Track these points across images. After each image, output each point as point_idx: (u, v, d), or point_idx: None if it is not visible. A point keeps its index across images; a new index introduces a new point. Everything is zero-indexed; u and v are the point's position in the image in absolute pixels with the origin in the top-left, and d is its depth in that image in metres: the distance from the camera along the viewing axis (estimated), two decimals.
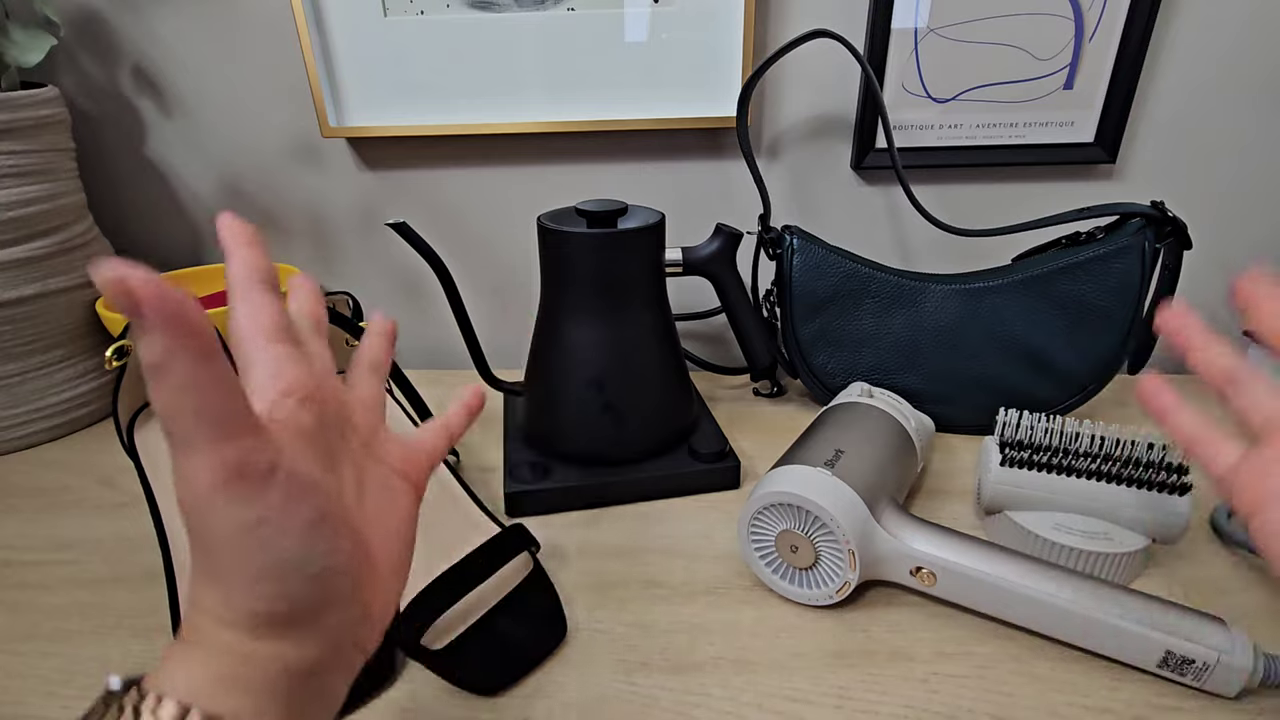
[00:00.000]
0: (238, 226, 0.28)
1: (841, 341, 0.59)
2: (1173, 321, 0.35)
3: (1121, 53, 0.60)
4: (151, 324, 0.17)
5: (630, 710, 0.35)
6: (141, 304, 0.17)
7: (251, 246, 0.28)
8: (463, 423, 0.34)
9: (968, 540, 0.39)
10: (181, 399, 0.19)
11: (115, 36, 0.64)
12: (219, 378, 0.19)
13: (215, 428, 0.19)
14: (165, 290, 0.17)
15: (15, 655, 0.38)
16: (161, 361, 0.18)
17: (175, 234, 0.72)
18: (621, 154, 0.68)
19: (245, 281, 0.26)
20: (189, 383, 0.18)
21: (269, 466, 0.20)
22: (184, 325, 0.18)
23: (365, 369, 0.32)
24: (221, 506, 0.20)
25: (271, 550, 0.21)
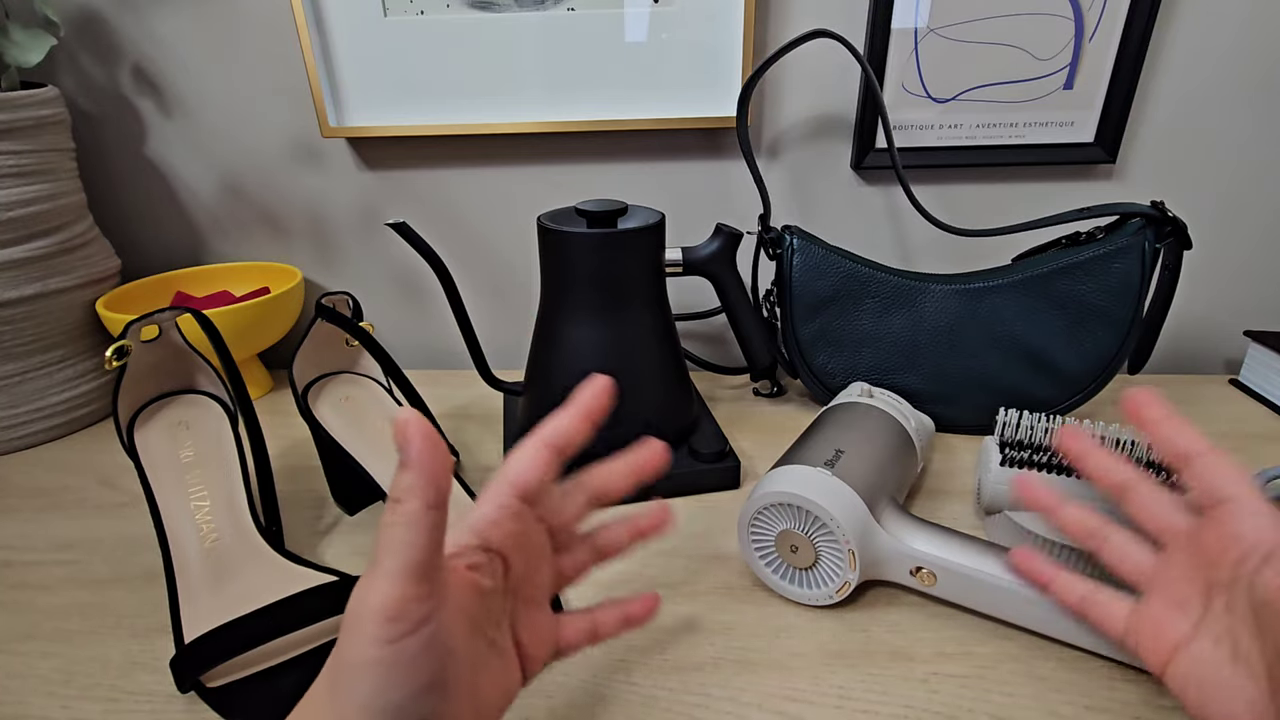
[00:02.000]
0: (595, 399, 0.30)
1: (841, 341, 0.59)
2: (1068, 441, 0.36)
3: (1121, 53, 0.60)
4: (414, 467, 0.22)
5: (630, 710, 0.35)
6: (411, 448, 0.22)
7: (583, 420, 0.30)
8: (615, 629, 0.32)
9: (968, 540, 0.39)
10: (398, 529, 0.22)
11: (115, 36, 0.64)
12: (432, 526, 0.22)
13: (406, 564, 0.22)
14: (433, 441, 0.22)
15: (15, 655, 0.38)
16: (404, 492, 0.22)
17: (175, 234, 0.72)
18: (621, 154, 0.68)
19: (546, 437, 0.29)
20: (411, 519, 0.22)
21: (424, 618, 0.22)
22: (432, 474, 0.22)
23: (588, 547, 0.33)
24: (370, 633, 0.21)
25: (386, 692, 0.22)
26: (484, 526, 0.27)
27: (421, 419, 0.22)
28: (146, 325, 0.43)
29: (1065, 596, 0.34)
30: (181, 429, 0.46)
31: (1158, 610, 0.31)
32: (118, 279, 0.65)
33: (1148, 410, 0.33)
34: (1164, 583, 0.31)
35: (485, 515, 0.27)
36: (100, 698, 0.36)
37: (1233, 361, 0.73)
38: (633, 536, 0.33)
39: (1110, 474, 0.34)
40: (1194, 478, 0.31)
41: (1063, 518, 0.35)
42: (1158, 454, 0.32)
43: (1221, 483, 0.29)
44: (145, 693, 0.36)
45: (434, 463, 0.22)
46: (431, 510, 0.22)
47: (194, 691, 0.35)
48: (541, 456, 0.28)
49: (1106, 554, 0.34)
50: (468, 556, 0.26)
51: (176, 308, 0.45)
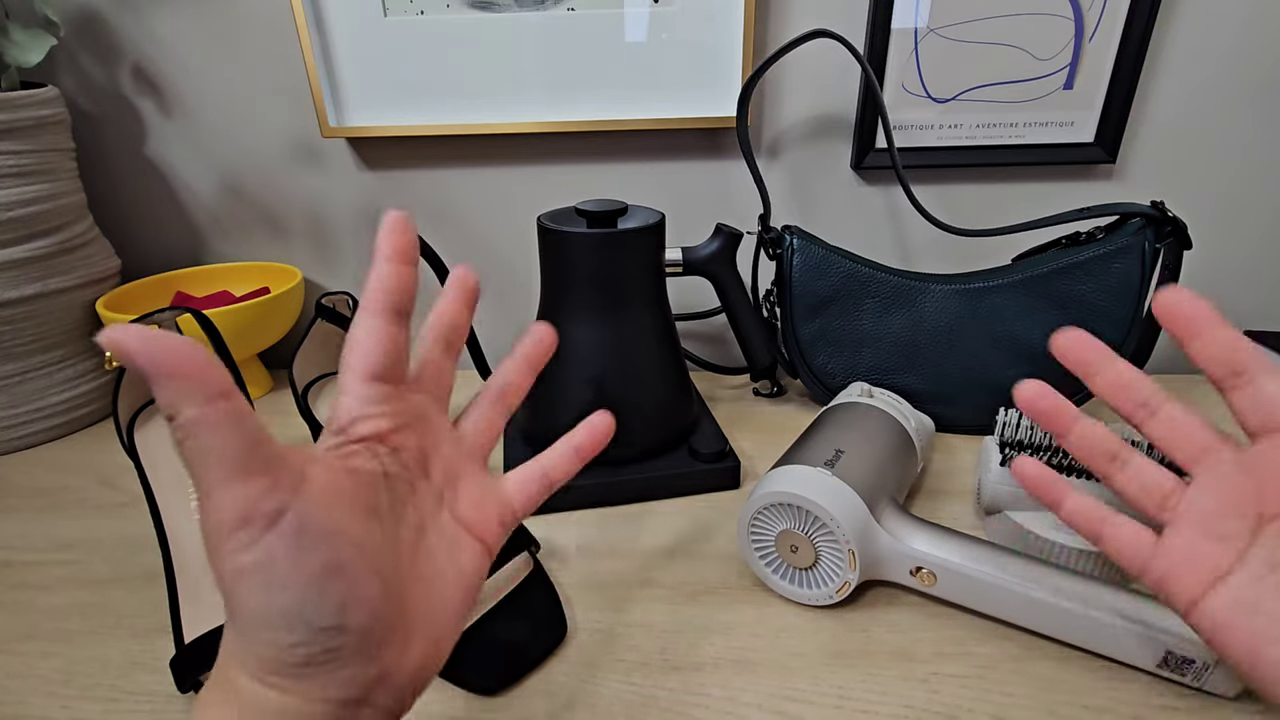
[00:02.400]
0: (396, 236, 0.26)
1: (841, 341, 0.59)
2: (1065, 340, 0.32)
3: (1121, 53, 0.60)
4: (153, 375, 0.18)
5: (630, 710, 0.35)
6: (135, 357, 0.18)
7: (398, 264, 0.26)
8: (569, 467, 0.32)
9: (968, 540, 0.39)
10: (191, 443, 0.19)
11: (115, 36, 0.64)
12: (226, 419, 0.19)
13: (223, 469, 0.20)
14: (162, 342, 0.18)
15: (15, 655, 0.38)
16: (169, 406, 0.19)
17: (175, 234, 0.72)
18: (621, 154, 0.68)
19: (373, 305, 0.26)
20: (196, 425, 0.19)
21: (275, 511, 0.20)
22: (184, 370, 0.19)
23: (491, 398, 0.31)
24: (225, 548, 0.20)
25: (272, 595, 0.20)
26: (343, 422, 0.25)
27: (130, 326, 0.19)
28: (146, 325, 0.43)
29: (1080, 519, 0.31)
30: None
31: (1191, 540, 0.27)
32: (118, 279, 0.65)
33: (1191, 311, 0.28)
34: (1199, 512, 0.28)
35: (341, 410, 0.25)
36: (100, 698, 0.36)
37: None
38: (528, 365, 0.32)
39: (1132, 391, 0.30)
40: (1250, 398, 0.27)
41: (1075, 437, 0.31)
42: (1205, 363, 0.28)
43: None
44: (145, 693, 0.36)
45: (178, 358, 0.19)
46: (213, 404, 0.19)
47: (194, 691, 0.35)
48: (377, 328, 0.26)
49: (1123, 480, 0.30)
50: (339, 452, 0.24)
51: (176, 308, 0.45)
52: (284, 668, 0.21)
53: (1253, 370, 0.27)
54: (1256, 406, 0.27)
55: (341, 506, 0.22)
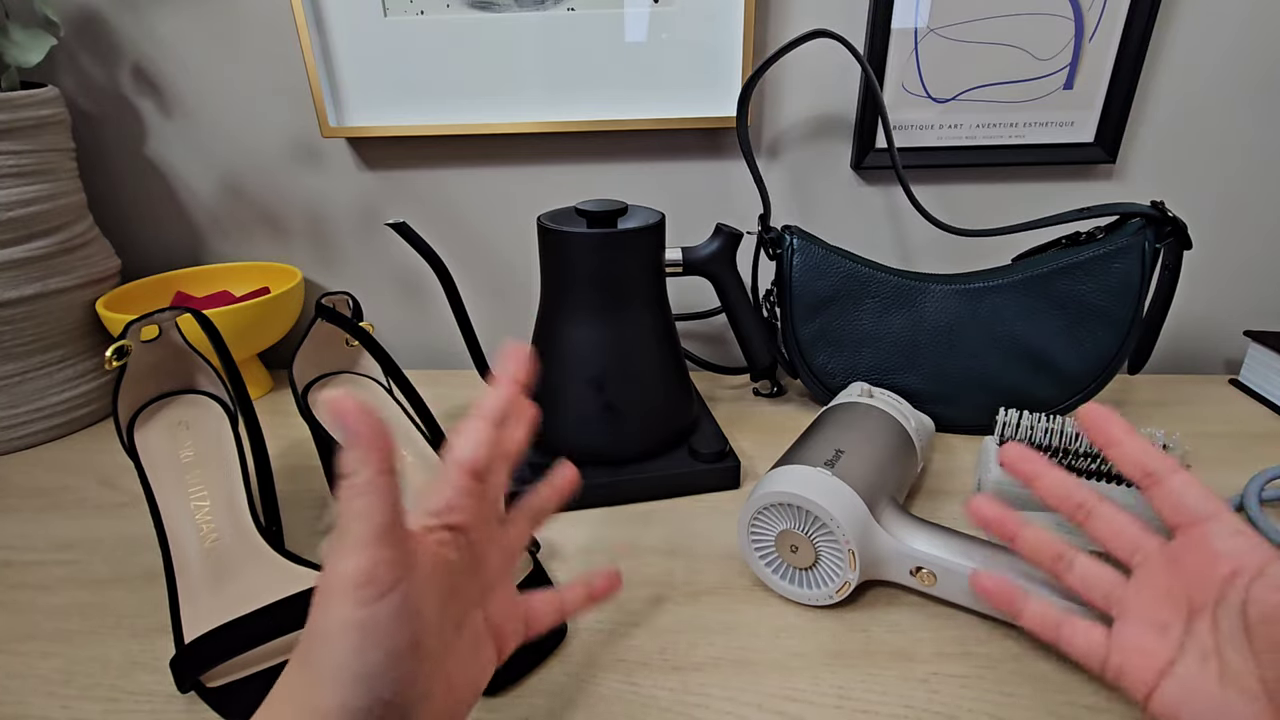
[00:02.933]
0: (523, 366, 0.31)
1: (841, 341, 0.59)
2: (1013, 459, 0.35)
3: (1121, 53, 0.60)
4: (355, 439, 0.23)
5: (630, 710, 0.35)
6: (349, 423, 0.23)
7: (517, 388, 0.30)
8: (581, 605, 0.34)
9: (968, 540, 0.39)
10: (355, 501, 0.23)
11: (115, 36, 0.64)
12: (386, 491, 0.23)
13: (370, 531, 0.23)
14: (368, 413, 0.23)
15: (15, 655, 0.38)
16: (354, 466, 0.23)
17: (175, 234, 0.72)
18: (621, 154, 0.68)
19: (491, 414, 0.29)
20: (365, 487, 0.23)
21: (394, 581, 0.23)
22: (375, 444, 0.23)
23: (528, 517, 0.34)
24: (342, 599, 0.22)
25: (361, 656, 0.22)
26: (441, 508, 0.27)
27: (349, 396, 0.23)
28: (146, 325, 0.43)
29: (1039, 628, 0.33)
30: (181, 429, 0.46)
31: (1136, 635, 0.30)
32: (118, 279, 0.65)
33: (1107, 428, 0.32)
34: (1139, 606, 0.30)
35: (442, 497, 0.28)
36: (100, 698, 0.36)
37: (1233, 361, 0.73)
38: (558, 493, 0.36)
39: (1069, 496, 0.33)
40: (1164, 497, 0.30)
41: (1022, 543, 0.34)
42: (1124, 471, 0.31)
43: (1196, 503, 0.29)
44: (145, 693, 0.36)
45: (374, 432, 0.23)
46: (383, 475, 0.23)
47: (194, 691, 0.35)
48: (484, 432, 0.29)
49: (1071, 579, 0.33)
50: (434, 536, 0.27)
51: (176, 308, 0.45)
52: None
53: (1162, 472, 0.30)
54: (1168, 504, 0.30)
55: (429, 591, 0.25)
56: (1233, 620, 0.27)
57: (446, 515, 0.27)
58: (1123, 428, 0.32)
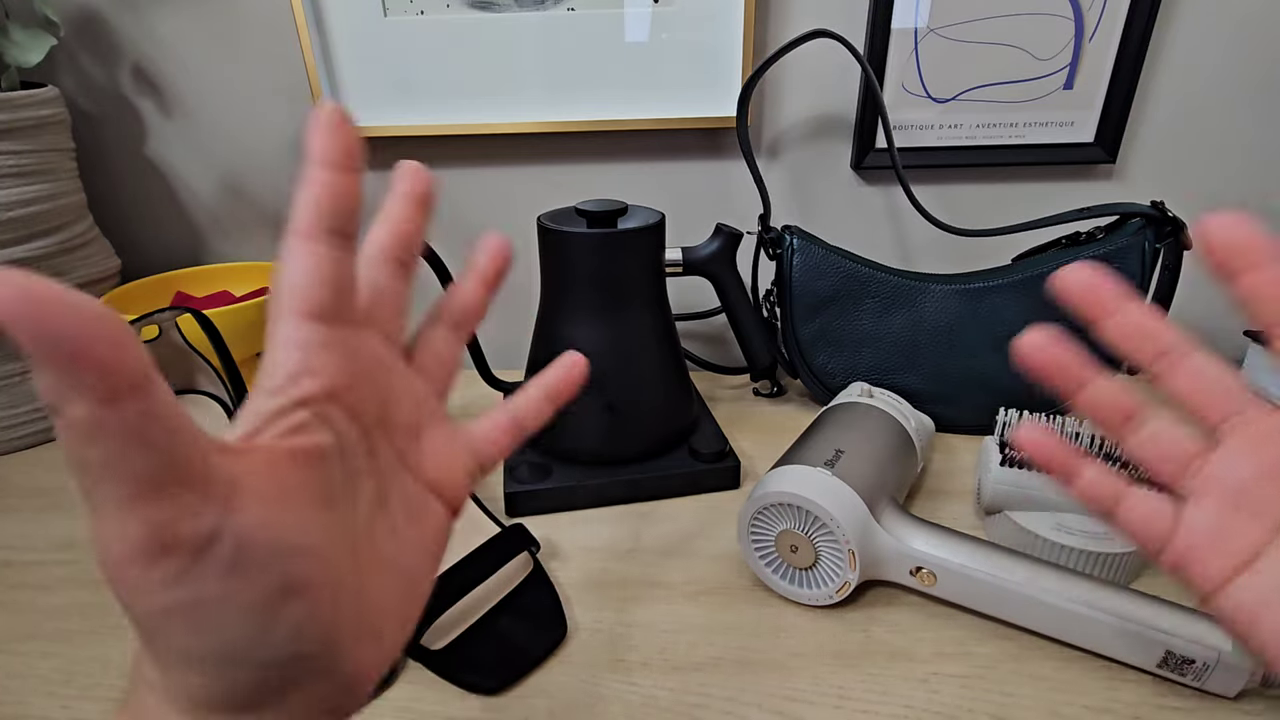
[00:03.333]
0: (334, 134, 0.20)
1: (841, 341, 0.59)
2: (1072, 276, 0.26)
3: (1121, 53, 0.60)
4: (34, 348, 0.13)
5: (630, 710, 0.35)
6: (13, 322, 0.13)
7: (336, 170, 0.20)
8: (542, 413, 0.27)
9: (968, 540, 0.39)
10: (81, 450, 0.14)
11: (115, 36, 0.64)
12: (133, 423, 0.14)
13: (129, 485, 0.14)
14: (53, 297, 0.13)
15: (15, 655, 0.38)
16: (54, 396, 0.13)
17: (175, 234, 0.72)
18: (621, 154, 0.68)
19: (309, 225, 0.20)
20: (89, 431, 0.13)
21: (205, 534, 0.15)
22: (77, 350, 0.13)
23: (448, 327, 0.26)
24: (137, 583, 0.15)
25: (207, 637, 0.16)
26: (286, 382, 0.19)
27: (12, 274, 0.13)
28: (146, 325, 0.43)
29: (1094, 493, 0.26)
30: None
31: (1214, 516, 0.23)
32: (118, 279, 0.65)
33: (1098, 290, 0.25)
34: (1228, 480, 0.23)
35: (286, 366, 0.19)
36: (100, 698, 0.36)
37: (1233, 361, 0.73)
38: (484, 284, 0.27)
39: (1154, 339, 0.25)
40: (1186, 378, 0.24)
41: (1087, 396, 0.25)
42: (1126, 351, 0.25)
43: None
44: None
45: (71, 330, 0.13)
46: (117, 404, 0.13)
47: None
48: (314, 253, 0.20)
49: (1139, 443, 0.25)
50: (281, 423, 0.18)
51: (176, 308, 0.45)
52: (228, 704, 0.17)
53: (1182, 349, 0.24)
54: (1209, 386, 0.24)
55: (290, 509, 0.17)
56: None
57: (292, 389, 0.19)
58: (1118, 291, 0.25)
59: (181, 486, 0.15)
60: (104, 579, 0.16)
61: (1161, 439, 0.25)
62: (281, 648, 0.17)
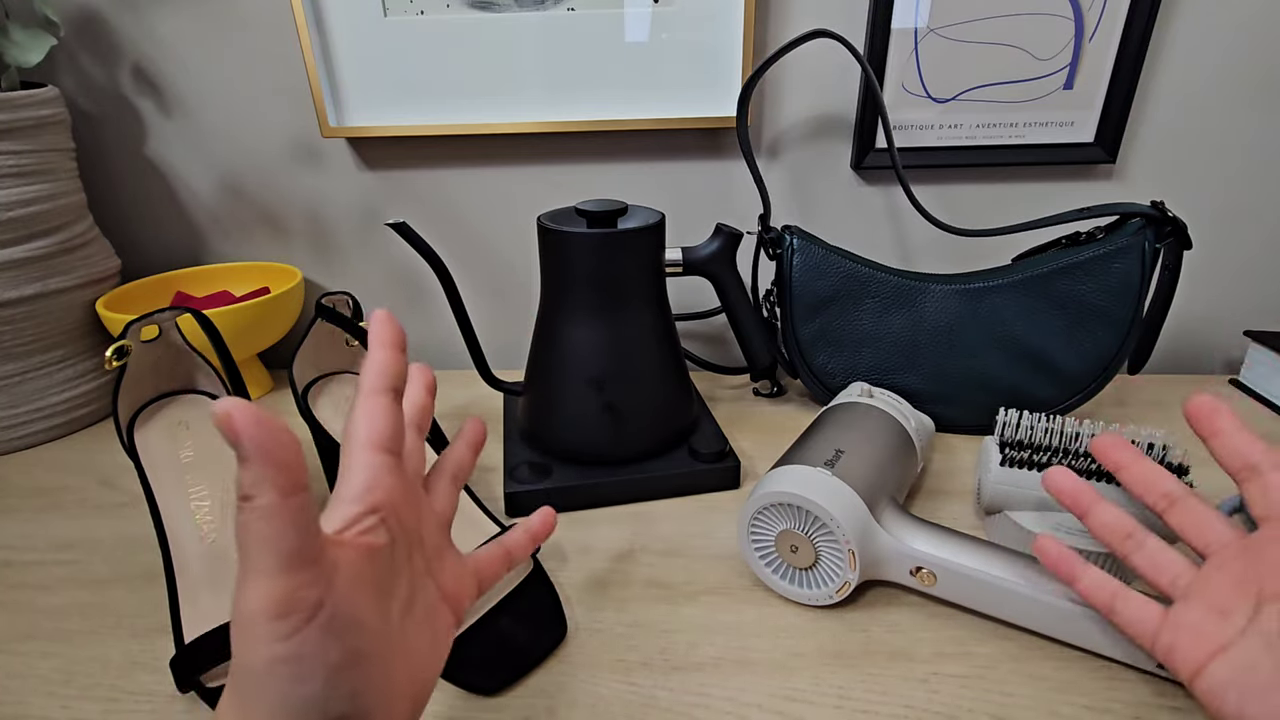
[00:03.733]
0: (388, 327, 0.29)
1: (841, 341, 0.59)
2: (1109, 452, 0.37)
3: (1121, 53, 0.60)
4: (250, 456, 0.19)
5: (630, 710, 0.35)
6: (241, 437, 0.19)
7: (392, 350, 0.28)
8: (525, 549, 0.35)
9: (968, 540, 0.39)
10: (257, 525, 0.20)
11: (115, 36, 0.64)
12: (296, 512, 0.20)
13: (278, 559, 0.20)
14: (266, 426, 0.19)
15: (15, 655, 0.38)
16: (251, 488, 0.20)
17: (175, 234, 0.72)
18: (621, 154, 0.68)
19: (375, 385, 0.27)
20: (268, 513, 0.20)
21: (316, 603, 0.21)
22: (276, 459, 0.20)
23: (447, 479, 0.33)
24: (262, 634, 0.20)
25: (299, 686, 0.21)
26: (363, 493, 0.25)
27: (244, 404, 0.19)
28: (146, 325, 0.43)
29: (1094, 595, 0.34)
30: (181, 429, 0.46)
31: (1195, 616, 0.30)
32: (118, 279, 0.65)
33: (1218, 420, 0.33)
34: (1205, 591, 0.31)
35: (362, 482, 0.25)
36: (100, 698, 0.36)
37: (1233, 361, 0.73)
38: (471, 447, 0.35)
39: (1155, 485, 0.34)
40: (1261, 490, 0.31)
41: (1097, 519, 0.35)
42: (1225, 462, 0.33)
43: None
44: (145, 693, 0.36)
45: (276, 446, 0.20)
46: (290, 497, 0.20)
47: (194, 691, 0.35)
48: (380, 404, 0.27)
49: (1139, 560, 0.33)
50: (358, 525, 0.24)
51: (176, 308, 0.45)
52: None
53: (1264, 467, 0.31)
54: (1263, 498, 0.31)
55: (361, 591, 0.23)
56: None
57: (367, 498, 0.25)
58: (1235, 419, 0.33)
59: (309, 564, 0.21)
60: (235, 632, 0.21)
61: (1158, 558, 0.33)
62: (341, 706, 0.21)
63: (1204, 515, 0.33)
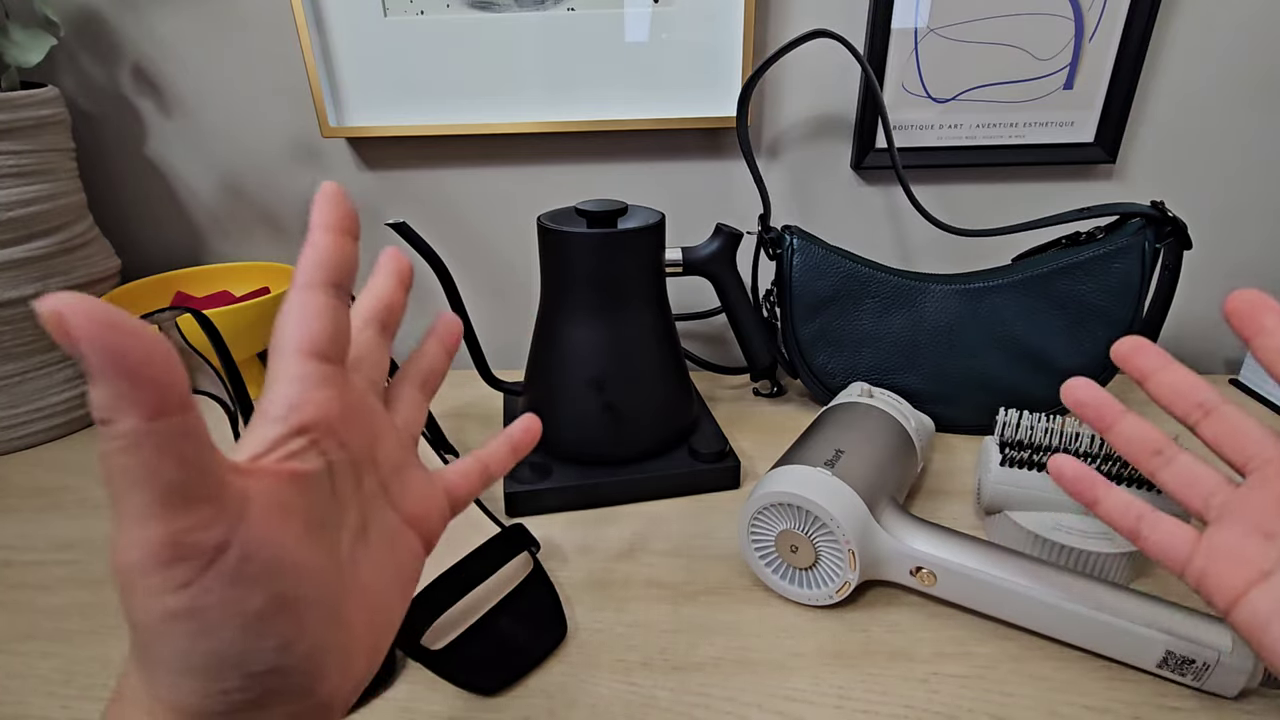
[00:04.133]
0: (332, 206, 0.23)
1: (841, 341, 0.59)
2: (1125, 347, 0.32)
3: (1121, 53, 0.60)
4: (95, 366, 0.14)
5: (630, 710, 0.35)
6: (80, 342, 0.14)
7: (336, 234, 0.23)
8: (506, 462, 0.31)
9: (968, 540, 0.39)
10: (120, 458, 0.16)
11: (115, 36, 0.64)
12: (172, 438, 0.16)
13: (160, 496, 0.16)
14: (120, 328, 0.14)
15: (15, 655, 0.38)
16: (107, 410, 0.15)
17: (175, 234, 0.72)
18: (621, 154, 0.68)
19: (311, 279, 0.22)
20: (133, 441, 0.15)
21: (216, 545, 0.17)
22: (136, 371, 0.15)
23: (414, 385, 0.29)
24: (148, 587, 0.16)
25: (204, 643, 0.17)
26: (287, 411, 0.21)
27: (85, 298, 0.14)
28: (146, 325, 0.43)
29: (1118, 519, 0.30)
30: None
31: (1236, 536, 0.27)
32: (118, 279, 0.65)
33: (1144, 359, 0.30)
34: (1247, 510, 0.27)
35: (286, 397, 0.21)
36: (100, 698, 0.36)
37: (1233, 361, 0.73)
38: (444, 344, 0.31)
39: (1188, 394, 0.30)
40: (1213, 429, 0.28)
41: (1121, 431, 0.31)
42: (1171, 406, 0.29)
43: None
44: None
45: (136, 351, 0.15)
46: (161, 419, 0.15)
47: None
48: (317, 300, 0.22)
49: (1168, 476, 0.30)
50: (281, 449, 0.20)
51: (176, 308, 0.45)
52: (209, 715, 0.18)
53: (1213, 401, 0.29)
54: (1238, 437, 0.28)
55: (287, 527, 0.19)
56: None
57: (292, 417, 0.21)
58: (1161, 356, 0.30)
59: (201, 499, 0.17)
60: (115, 583, 0.17)
61: (1191, 473, 0.29)
62: (267, 660, 0.18)
63: (1244, 425, 0.28)
